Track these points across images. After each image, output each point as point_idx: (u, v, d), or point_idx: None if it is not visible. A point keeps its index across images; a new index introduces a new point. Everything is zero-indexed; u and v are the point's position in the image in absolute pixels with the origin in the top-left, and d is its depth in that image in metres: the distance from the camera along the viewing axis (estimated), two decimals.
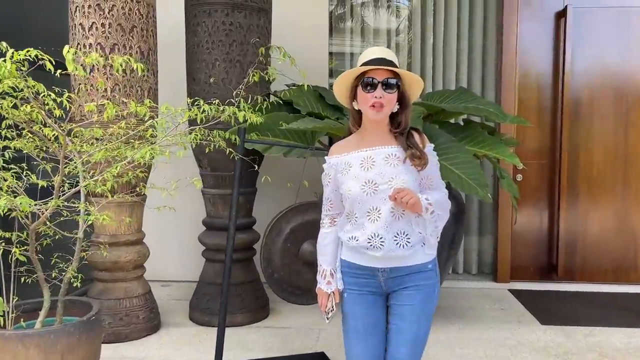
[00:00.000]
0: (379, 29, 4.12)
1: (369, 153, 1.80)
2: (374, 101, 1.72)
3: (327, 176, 1.87)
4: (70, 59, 1.36)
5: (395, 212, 1.74)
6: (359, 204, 1.75)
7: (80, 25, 2.62)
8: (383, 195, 1.73)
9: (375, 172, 1.75)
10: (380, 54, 1.80)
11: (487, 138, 2.75)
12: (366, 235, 1.73)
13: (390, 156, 1.78)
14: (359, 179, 1.74)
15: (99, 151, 1.76)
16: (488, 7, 3.96)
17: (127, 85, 2.64)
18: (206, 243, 3.04)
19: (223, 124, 2.53)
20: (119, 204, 2.67)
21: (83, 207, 1.96)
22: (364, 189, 1.74)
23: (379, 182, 1.74)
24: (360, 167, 1.77)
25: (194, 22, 2.88)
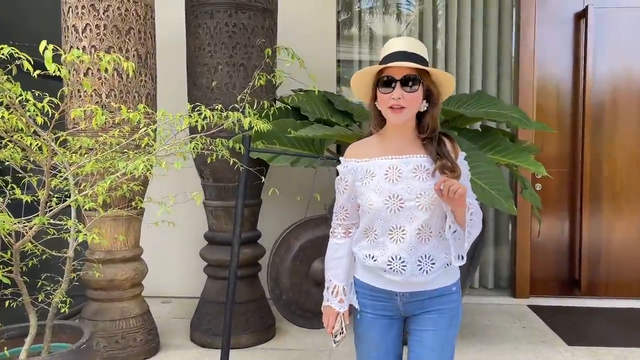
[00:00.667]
0: (387, 35, 3.95)
1: (394, 162, 1.58)
2: (392, 103, 1.52)
3: (342, 181, 1.66)
4: (49, 58, 1.18)
5: (422, 234, 1.54)
6: (381, 221, 1.56)
7: (74, 27, 2.45)
8: (409, 214, 1.54)
9: (401, 186, 1.55)
10: (402, 46, 1.58)
11: (510, 145, 2.56)
12: (386, 257, 1.55)
13: (419, 168, 1.57)
14: (383, 192, 1.54)
15: (89, 162, 1.58)
16: (503, 9, 3.78)
17: (122, 91, 2.47)
18: (208, 259, 2.85)
19: (226, 131, 2.35)
20: (114, 219, 2.49)
21: (73, 224, 1.78)
22: (387, 205, 1.54)
23: (406, 198, 1.54)
24: (385, 178, 1.56)
25: (195, 24, 2.70)
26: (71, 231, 1.83)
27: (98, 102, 2.43)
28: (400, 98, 1.51)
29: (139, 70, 2.51)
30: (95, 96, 2.43)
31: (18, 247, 1.75)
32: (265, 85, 2.58)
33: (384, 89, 1.54)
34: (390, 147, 1.60)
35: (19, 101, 1.38)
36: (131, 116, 1.46)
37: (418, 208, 1.53)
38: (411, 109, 1.54)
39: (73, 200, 1.57)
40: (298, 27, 3.41)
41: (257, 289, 2.90)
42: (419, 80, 1.53)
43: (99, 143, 1.69)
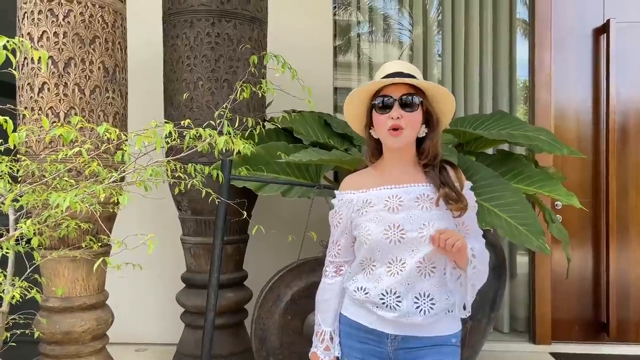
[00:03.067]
0: (384, 61, 3.67)
1: (394, 191, 1.47)
2: (391, 124, 1.42)
3: (337, 215, 1.55)
4: None
5: (423, 269, 1.42)
6: (379, 253, 1.44)
7: (29, 35, 2.10)
8: (411, 245, 1.42)
9: (403, 215, 1.43)
10: (397, 68, 1.50)
11: (535, 172, 2.22)
12: (379, 289, 1.42)
13: (422, 197, 1.46)
14: (382, 221, 1.43)
15: (14, 194, 1.20)
16: (513, 29, 3.49)
17: (85, 109, 2.11)
18: (185, 304, 2.45)
19: (207, 156, 1.99)
20: (72, 259, 2.10)
21: (9, 278, 1.40)
22: (387, 235, 1.42)
23: (408, 229, 1.42)
24: (385, 207, 1.45)
25: (173, 34, 2.37)
26: (5, 282, 1.45)
27: (55, 122, 2.07)
28: (400, 117, 1.42)
29: (104, 86, 2.16)
30: (52, 115, 2.07)
31: None
32: (253, 102, 2.24)
33: (381, 110, 1.45)
34: (389, 176, 1.50)
35: None
36: (61, 132, 1.09)
37: (421, 240, 1.41)
38: (411, 131, 1.45)
39: None
40: (291, 40, 3.08)
41: (242, 340, 2.49)
42: (419, 100, 1.45)
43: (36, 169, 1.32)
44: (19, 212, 1.58)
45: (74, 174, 1.78)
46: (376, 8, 3.69)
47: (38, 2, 2.08)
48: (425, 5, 3.60)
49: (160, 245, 1.65)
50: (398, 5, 3.68)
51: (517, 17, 3.53)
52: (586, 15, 3.29)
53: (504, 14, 3.47)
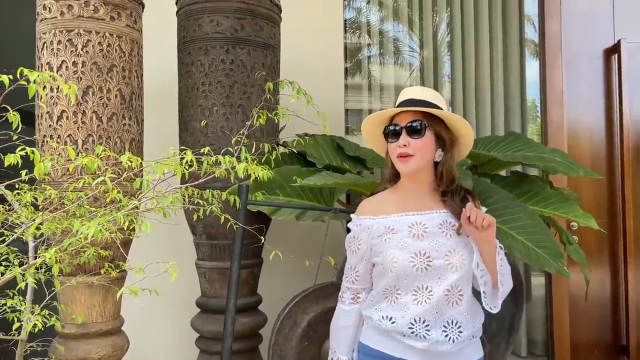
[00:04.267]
0: (394, 84, 3.70)
1: (417, 218, 1.48)
2: (399, 151, 1.46)
3: (355, 240, 1.52)
4: None
5: (451, 297, 1.42)
6: (405, 280, 1.43)
7: (48, 65, 2.15)
8: (437, 273, 1.42)
9: (428, 242, 1.44)
10: (411, 94, 1.53)
11: (551, 194, 2.20)
12: (408, 319, 1.40)
13: (445, 224, 1.48)
14: (408, 248, 1.42)
15: (39, 222, 1.22)
16: (524, 48, 3.51)
17: (102, 136, 2.14)
18: (200, 330, 2.44)
19: (222, 181, 2.00)
20: (89, 286, 2.10)
21: (28, 306, 1.41)
22: (413, 262, 1.40)
23: (434, 256, 1.42)
24: (409, 233, 1.45)
25: (188, 62, 2.41)
26: (25, 311, 1.46)
27: (73, 149, 2.10)
28: (406, 145, 1.44)
29: (121, 113, 2.19)
30: (71, 143, 2.10)
31: None
32: (267, 126, 2.26)
33: (391, 138, 1.49)
34: (409, 202, 1.51)
35: None
36: (86, 162, 1.12)
37: (447, 267, 1.42)
38: (421, 157, 1.46)
39: (13, 274, 1.20)
40: (302, 64, 3.12)
41: None
42: (425, 126, 1.46)
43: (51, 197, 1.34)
44: (38, 240, 1.59)
45: (91, 199, 1.80)
46: (385, 31, 3.73)
47: (57, 33, 2.13)
48: (434, 27, 3.64)
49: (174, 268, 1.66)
50: (407, 28, 3.72)
51: (526, 37, 3.56)
52: (596, 36, 3.31)
53: (513, 34, 3.50)
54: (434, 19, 3.65)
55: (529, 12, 3.57)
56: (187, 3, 2.40)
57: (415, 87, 1.62)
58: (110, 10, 2.16)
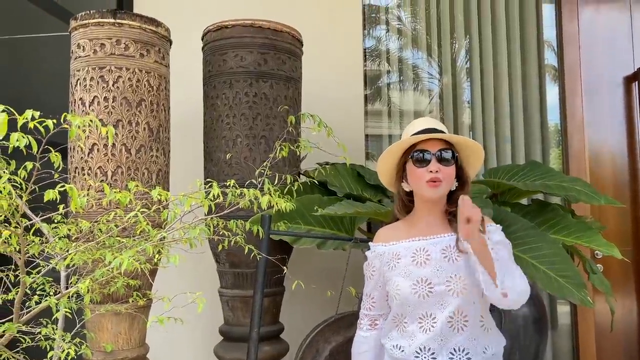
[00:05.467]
0: (413, 110, 3.74)
1: (421, 244, 1.51)
2: (431, 177, 1.48)
3: (370, 267, 1.59)
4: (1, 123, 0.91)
5: (455, 323, 1.42)
6: (410, 308, 1.45)
7: (81, 100, 2.25)
8: (439, 299, 1.43)
9: (430, 269, 1.46)
10: (430, 124, 1.58)
11: (573, 223, 2.20)
12: (414, 347, 1.42)
13: (448, 248, 1.50)
14: (410, 276, 1.45)
15: (71, 254, 1.28)
16: (542, 76, 3.53)
17: (131, 167, 2.22)
18: (223, 357, 2.46)
19: (244, 210, 2.05)
20: (116, 313, 2.16)
21: (59, 335, 1.46)
22: (415, 290, 1.44)
23: (435, 282, 1.44)
24: (412, 260, 1.48)
25: (213, 95, 2.49)
26: (56, 340, 1.51)
27: (103, 180, 2.18)
28: (438, 171, 1.48)
29: (149, 145, 2.28)
30: (101, 174, 2.19)
31: None
32: (288, 157, 2.31)
33: (419, 164, 1.50)
34: (417, 228, 1.54)
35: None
36: (119, 197, 1.18)
37: (449, 293, 1.42)
38: (447, 184, 1.51)
39: (47, 303, 1.26)
40: (323, 95, 3.19)
41: None
42: (455, 155, 1.52)
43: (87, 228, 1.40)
44: (70, 269, 1.65)
45: (120, 229, 1.86)
46: (404, 58, 3.80)
47: (90, 70, 2.24)
48: (453, 53, 3.69)
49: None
50: (426, 55, 3.78)
51: (546, 63, 3.58)
52: (615, 63, 3.32)
53: (532, 60, 3.52)
54: (453, 46, 3.70)
55: (548, 38, 3.60)
56: (213, 39, 2.49)
57: (426, 118, 1.64)
58: (139, 47, 2.27)
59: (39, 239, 1.39)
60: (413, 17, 3.77)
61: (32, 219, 1.42)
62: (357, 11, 3.47)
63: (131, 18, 2.25)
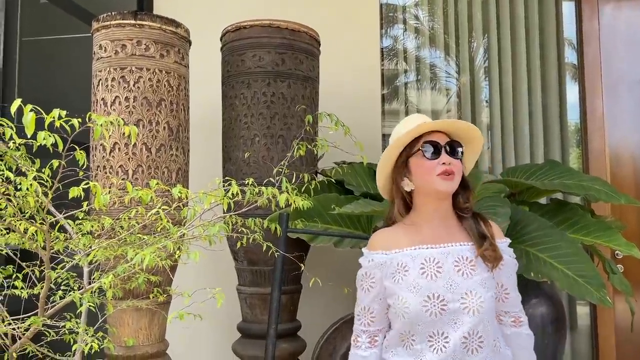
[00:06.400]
0: (430, 109, 3.73)
1: (431, 253, 1.36)
2: (443, 169, 1.36)
3: (368, 278, 1.42)
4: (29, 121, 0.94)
5: (469, 344, 1.30)
6: (419, 326, 1.32)
7: (102, 100, 2.30)
8: (453, 318, 1.30)
9: (442, 283, 1.33)
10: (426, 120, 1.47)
11: (592, 222, 2.18)
12: None
13: (461, 260, 1.37)
14: (420, 291, 1.31)
15: (95, 250, 1.32)
16: (562, 75, 3.50)
17: (151, 166, 2.26)
18: (241, 355, 2.49)
19: (262, 208, 2.08)
20: (136, 309, 2.20)
21: (82, 328, 1.50)
22: (427, 307, 1.30)
23: (448, 299, 1.31)
24: (421, 272, 1.34)
25: (232, 95, 2.53)
26: (80, 333, 1.55)
27: (124, 178, 2.23)
28: (451, 164, 1.38)
29: (169, 144, 2.32)
30: (122, 172, 2.24)
31: (12, 353, 1.47)
32: (306, 156, 2.33)
33: (430, 155, 1.39)
34: (423, 233, 1.40)
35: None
36: (141, 194, 1.21)
37: (464, 311, 1.30)
38: (458, 176, 1.40)
39: (71, 298, 1.30)
40: (340, 94, 3.20)
41: None
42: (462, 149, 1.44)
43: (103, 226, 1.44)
44: (93, 265, 1.69)
45: (140, 227, 1.90)
46: (422, 57, 3.79)
47: (112, 70, 2.28)
48: (471, 52, 3.67)
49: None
50: (444, 54, 3.77)
51: (566, 61, 3.55)
52: (637, 61, 3.27)
53: (552, 59, 3.49)
54: (471, 45, 3.68)
55: (568, 36, 3.56)
56: (231, 39, 2.52)
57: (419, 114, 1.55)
58: (160, 48, 2.31)
59: (64, 235, 1.43)
60: (431, 16, 3.76)
61: (56, 216, 1.46)
62: (374, 10, 3.47)
63: (151, 19, 2.29)
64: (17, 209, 1.23)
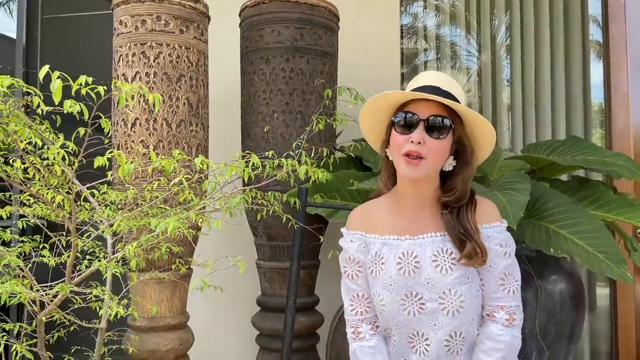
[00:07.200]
0: None
1: (409, 245, 1.21)
2: (408, 149, 1.15)
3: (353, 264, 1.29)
4: (57, 88, 0.96)
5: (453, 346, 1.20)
6: (397, 326, 1.23)
7: (123, 76, 2.32)
8: (432, 319, 1.19)
9: (420, 280, 1.20)
10: (434, 81, 1.21)
11: (614, 199, 2.15)
12: None
13: (440, 253, 1.21)
14: (397, 288, 1.20)
15: (119, 220, 1.35)
16: (587, 51, 3.42)
17: (172, 142, 2.28)
18: (260, 327, 2.54)
19: (281, 184, 2.10)
20: (158, 282, 2.25)
21: (108, 295, 1.54)
22: (404, 306, 1.21)
23: (427, 298, 1.20)
24: (399, 268, 1.21)
25: (250, 71, 2.53)
26: (105, 300, 1.59)
27: (145, 154, 2.26)
28: (421, 143, 1.14)
29: (189, 120, 2.34)
30: (143, 148, 2.26)
31: (42, 318, 1.52)
32: (324, 132, 2.33)
33: (401, 129, 1.17)
34: (404, 220, 1.25)
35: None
36: (164, 164, 1.23)
37: (442, 312, 1.19)
38: (433, 161, 1.18)
39: (97, 266, 1.34)
40: (359, 71, 3.18)
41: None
42: (450, 126, 1.17)
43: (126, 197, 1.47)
44: (116, 237, 1.73)
45: (161, 200, 1.93)
46: (442, 35, 3.74)
47: (132, 46, 2.30)
48: (492, 31, 3.61)
49: (235, 268, 1.76)
50: (465, 32, 3.71)
51: (590, 38, 3.47)
52: None
53: (576, 36, 3.41)
54: (493, 22, 3.62)
55: (593, 12, 3.48)
56: (250, 15, 2.52)
57: (438, 72, 1.29)
58: (179, 23, 2.31)
59: (89, 204, 1.46)
60: None
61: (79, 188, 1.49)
62: None
63: None
64: (45, 179, 1.25)
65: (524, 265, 2.08)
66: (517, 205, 1.80)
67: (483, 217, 1.23)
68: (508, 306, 1.23)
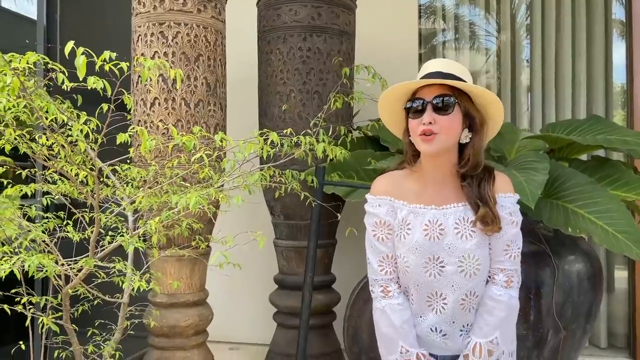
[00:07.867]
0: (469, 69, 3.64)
1: (435, 214, 1.35)
2: (422, 129, 1.30)
3: (383, 227, 1.38)
4: (81, 64, 0.98)
5: (467, 304, 1.35)
6: (418, 286, 1.36)
7: (142, 56, 2.34)
8: (450, 280, 1.33)
9: (442, 245, 1.33)
10: (438, 67, 1.37)
11: (634, 179, 2.12)
12: (425, 326, 1.38)
13: (461, 222, 1.35)
14: (422, 252, 1.33)
15: (140, 196, 1.37)
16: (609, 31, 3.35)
17: (190, 121, 2.30)
18: (277, 305, 2.58)
19: (299, 164, 2.11)
20: (178, 259, 2.29)
21: (129, 269, 1.58)
22: (426, 268, 1.33)
23: (447, 261, 1.33)
24: (424, 234, 1.34)
25: (267, 50, 2.53)
26: (127, 275, 1.63)
27: (164, 133, 2.28)
28: (432, 122, 1.30)
29: (207, 100, 2.35)
30: (162, 127, 2.29)
31: (67, 291, 1.56)
32: (342, 111, 2.33)
33: (414, 114, 1.34)
34: (428, 192, 1.38)
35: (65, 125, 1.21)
36: (185, 140, 1.25)
37: (460, 274, 1.33)
38: (446, 136, 1.31)
39: (120, 241, 1.37)
40: (376, 50, 3.16)
41: (331, 340, 2.58)
42: (454, 102, 1.31)
43: (153, 174, 1.49)
44: (137, 214, 1.76)
45: (180, 178, 1.96)
46: (461, 15, 3.68)
47: (150, 26, 2.31)
48: (512, 10, 3.55)
49: (253, 247, 1.79)
50: (484, 12, 3.65)
51: (613, 17, 3.39)
52: None
53: (598, 16, 3.34)
54: (513, 1, 3.56)
55: None
56: None
57: (441, 59, 1.43)
58: (197, 3, 2.32)
59: (111, 181, 1.49)
60: None
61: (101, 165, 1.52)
62: None
63: None
64: (69, 155, 1.28)
65: (541, 244, 2.08)
66: (535, 184, 1.80)
67: (499, 187, 1.37)
68: (507, 269, 1.36)
